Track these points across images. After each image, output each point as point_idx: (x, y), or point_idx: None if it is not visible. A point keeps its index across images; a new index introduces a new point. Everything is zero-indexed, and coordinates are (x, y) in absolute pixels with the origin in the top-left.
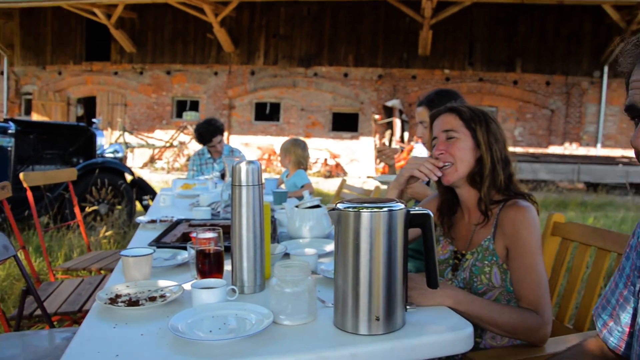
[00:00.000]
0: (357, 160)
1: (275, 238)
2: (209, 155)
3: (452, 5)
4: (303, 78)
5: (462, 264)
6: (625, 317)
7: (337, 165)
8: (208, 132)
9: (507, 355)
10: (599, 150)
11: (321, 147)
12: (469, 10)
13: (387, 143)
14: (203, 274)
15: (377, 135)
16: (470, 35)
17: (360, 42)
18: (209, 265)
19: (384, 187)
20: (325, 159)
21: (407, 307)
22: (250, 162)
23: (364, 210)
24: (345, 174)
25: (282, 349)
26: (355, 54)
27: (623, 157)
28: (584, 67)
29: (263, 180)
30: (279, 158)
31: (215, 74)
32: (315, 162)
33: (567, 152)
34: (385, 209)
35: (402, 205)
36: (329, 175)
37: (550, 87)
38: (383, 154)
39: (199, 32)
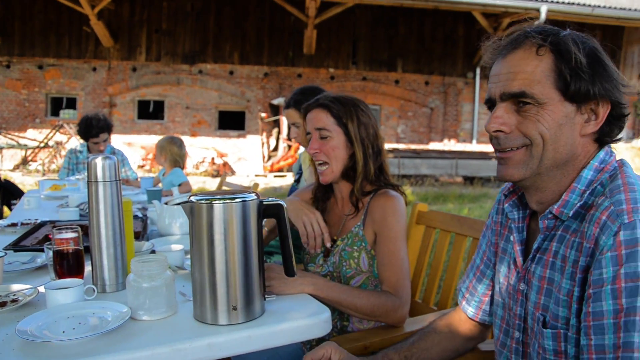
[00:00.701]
0: (245, 159)
1: (144, 236)
2: (87, 155)
3: (336, 5)
4: (187, 75)
5: (333, 250)
6: (482, 288)
7: (225, 164)
8: (97, 126)
9: (367, 337)
10: (474, 146)
11: (208, 146)
12: (352, 10)
13: (274, 141)
14: (62, 275)
15: (265, 134)
16: (353, 35)
17: (246, 40)
18: (68, 266)
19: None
20: (213, 158)
21: (266, 296)
22: (106, 158)
23: (217, 202)
24: (233, 172)
25: (138, 345)
26: (241, 51)
27: None
28: (458, 68)
29: (139, 178)
30: None
31: (94, 69)
32: (202, 162)
33: (446, 148)
34: (237, 200)
35: (255, 196)
36: (217, 174)
37: (429, 86)
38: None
39: (74, 24)
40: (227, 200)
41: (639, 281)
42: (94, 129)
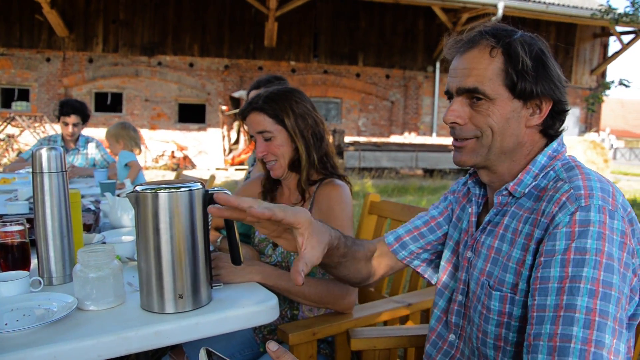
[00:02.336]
0: (206, 152)
1: (96, 228)
2: (61, 144)
3: None
4: (146, 67)
5: None
6: (432, 238)
7: (185, 157)
8: (72, 106)
9: (315, 324)
10: (434, 139)
11: (167, 139)
12: (313, 3)
13: (235, 134)
14: (6, 269)
15: (225, 127)
16: (314, 28)
17: (206, 32)
18: (13, 259)
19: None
20: (173, 152)
21: (213, 284)
22: (51, 149)
23: (162, 191)
24: (193, 166)
25: (84, 334)
26: (201, 43)
27: None
28: (418, 62)
29: (98, 171)
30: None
31: (48, 60)
32: (162, 155)
33: (406, 141)
34: (183, 189)
35: (200, 185)
36: (177, 168)
37: (389, 80)
38: None
39: (25, 12)
40: (172, 190)
41: (586, 255)
42: (66, 107)
